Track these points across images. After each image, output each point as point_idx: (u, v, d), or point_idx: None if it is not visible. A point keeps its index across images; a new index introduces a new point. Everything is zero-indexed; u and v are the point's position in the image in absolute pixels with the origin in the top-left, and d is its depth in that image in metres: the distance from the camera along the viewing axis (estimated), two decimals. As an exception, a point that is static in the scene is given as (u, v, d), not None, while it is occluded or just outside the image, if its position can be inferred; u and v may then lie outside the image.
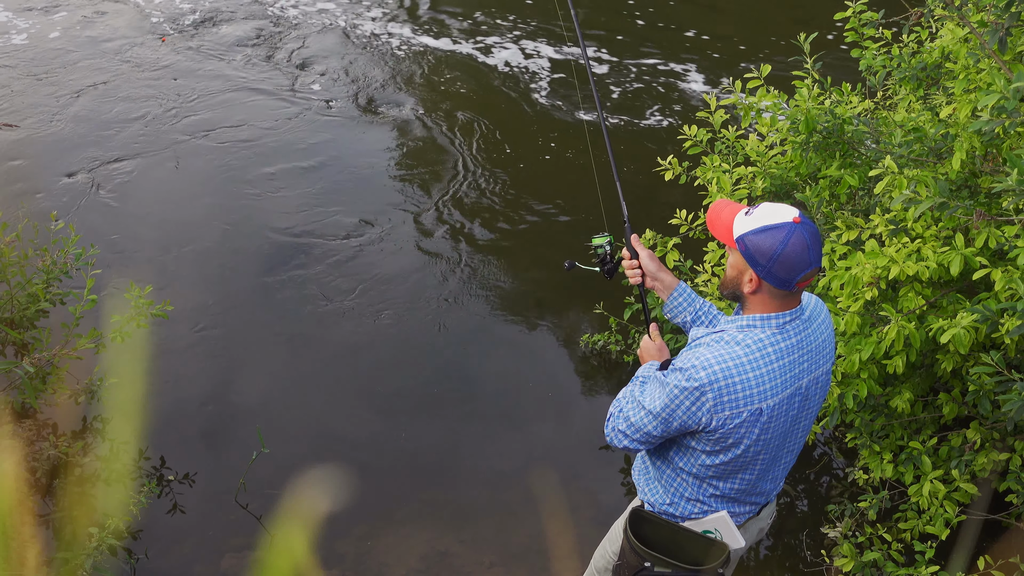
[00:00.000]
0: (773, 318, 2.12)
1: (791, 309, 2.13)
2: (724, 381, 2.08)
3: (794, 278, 2.06)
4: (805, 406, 2.22)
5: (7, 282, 3.63)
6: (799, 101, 3.26)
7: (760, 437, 2.15)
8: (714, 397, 2.08)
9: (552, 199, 5.56)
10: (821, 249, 2.10)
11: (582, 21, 7.45)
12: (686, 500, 2.30)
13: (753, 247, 2.07)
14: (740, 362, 2.09)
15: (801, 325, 2.16)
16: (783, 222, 2.05)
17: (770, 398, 2.11)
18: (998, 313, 2.63)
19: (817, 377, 2.22)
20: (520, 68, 6.93)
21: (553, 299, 4.85)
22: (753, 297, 2.13)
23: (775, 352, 2.11)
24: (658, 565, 2.26)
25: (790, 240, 2.03)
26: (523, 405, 4.24)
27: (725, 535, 2.26)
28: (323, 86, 6.70)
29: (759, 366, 2.09)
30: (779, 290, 2.09)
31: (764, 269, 2.06)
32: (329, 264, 5.00)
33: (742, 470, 2.22)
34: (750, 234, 2.08)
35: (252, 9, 7.74)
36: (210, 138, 6.04)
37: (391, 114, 6.42)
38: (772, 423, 2.14)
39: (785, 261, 2.04)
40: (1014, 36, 2.82)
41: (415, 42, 7.33)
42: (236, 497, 3.67)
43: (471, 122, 6.32)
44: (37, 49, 7.05)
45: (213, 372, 4.32)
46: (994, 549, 3.06)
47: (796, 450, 2.34)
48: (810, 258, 2.05)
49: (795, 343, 2.14)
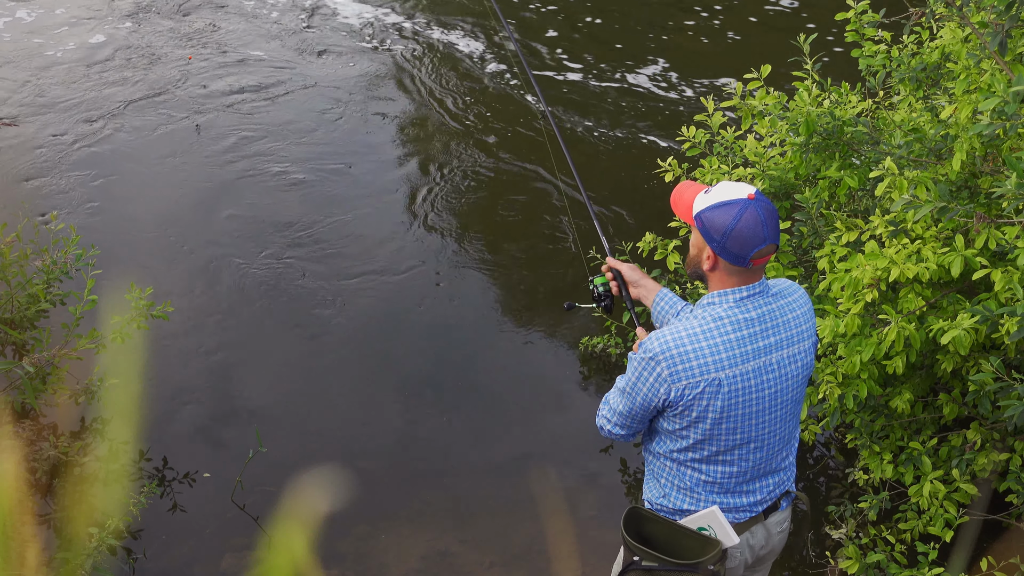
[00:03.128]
0: (730, 293, 2.18)
1: (750, 284, 2.18)
2: (676, 350, 2.13)
3: (747, 254, 2.11)
4: (783, 384, 2.22)
5: (7, 282, 3.63)
6: (799, 103, 3.26)
7: (727, 412, 2.16)
8: (668, 367, 2.13)
9: (554, 202, 5.56)
10: (777, 225, 2.15)
11: (597, 27, 7.46)
12: (677, 490, 2.31)
13: (709, 223, 2.14)
14: (692, 333, 2.14)
15: (763, 300, 2.20)
16: (737, 198, 2.12)
17: (727, 368, 2.14)
18: (998, 314, 2.63)
19: (793, 354, 2.22)
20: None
21: (553, 301, 4.85)
22: (712, 275, 2.20)
23: (732, 324, 2.16)
24: (646, 559, 2.27)
25: (743, 215, 2.09)
26: (523, 406, 4.24)
27: (718, 531, 2.26)
28: (326, 85, 6.70)
29: (712, 337, 2.14)
30: (735, 266, 2.14)
31: (719, 244, 2.13)
32: (329, 263, 5.00)
33: (722, 452, 2.22)
34: (706, 210, 2.15)
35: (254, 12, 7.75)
36: (210, 137, 6.05)
37: (395, 112, 6.42)
38: (738, 397, 2.16)
39: (738, 236, 2.10)
40: (1014, 38, 2.82)
41: (424, 42, 7.33)
42: (233, 496, 3.67)
43: (475, 123, 6.32)
44: (20, 44, 7.05)
45: (212, 371, 4.32)
46: (994, 549, 3.06)
47: (786, 435, 2.31)
48: (764, 234, 2.10)
49: (756, 316, 2.18)
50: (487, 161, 5.93)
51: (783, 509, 2.41)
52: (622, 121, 6.34)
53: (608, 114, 6.40)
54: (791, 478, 2.42)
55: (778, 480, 2.36)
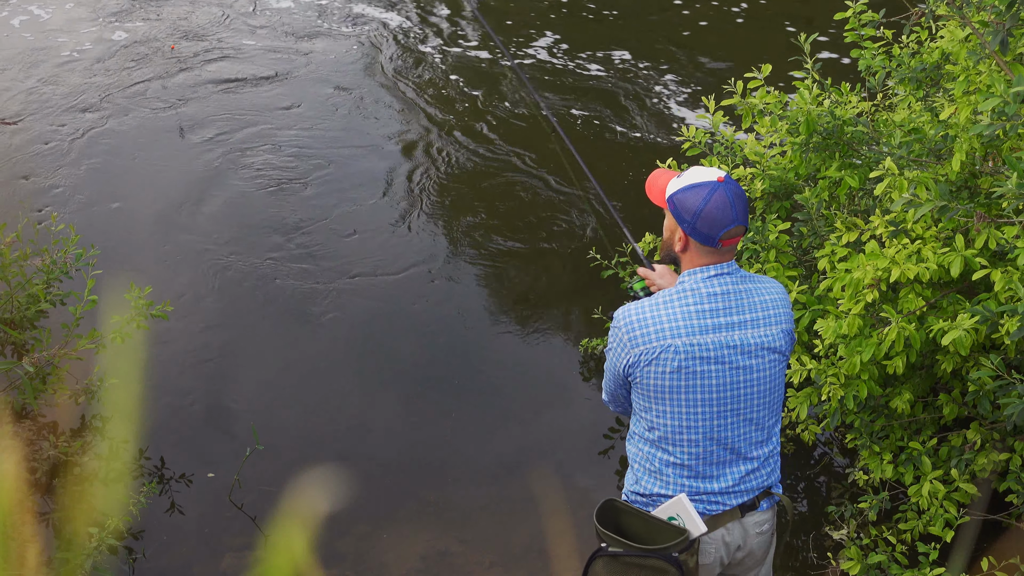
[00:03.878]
0: (699, 271, 2.29)
1: (719, 264, 2.28)
2: (636, 318, 2.28)
3: (717, 234, 2.23)
4: (749, 365, 2.26)
5: (7, 282, 3.64)
6: (799, 102, 3.26)
7: (685, 381, 2.24)
8: (627, 332, 2.28)
9: (555, 201, 5.56)
10: (746, 208, 2.27)
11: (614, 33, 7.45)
12: (648, 474, 2.36)
13: (680, 204, 2.27)
14: (654, 302, 2.29)
15: (732, 280, 2.29)
16: (707, 180, 2.24)
17: (684, 336, 2.23)
18: (998, 314, 2.63)
19: (760, 337, 2.27)
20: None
21: (553, 301, 4.85)
22: (684, 256, 2.32)
23: (694, 297, 2.27)
24: (612, 545, 2.31)
25: (712, 196, 2.21)
26: (523, 406, 4.24)
27: (685, 520, 2.27)
28: (323, 74, 6.70)
29: (672, 306, 2.26)
30: (704, 246, 2.26)
31: (689, 225, 2.25)
32: (327, 261, 5.00)
33: (685, 429, 2.27)
34: (678, 192, 2.29)
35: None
36: (210, 135, 6.05)
37: (396, 109, 6.42)
38: (694, 366, 2.23)
39: (707, 217, 2.22)
40: (1015, 37, 2.82)
41: (419, 31, 7.33)
42: (233, 496, 3.67)
43: (478, 123, 6.32)
44: (21, 44, 7.05)
45: (210, 370, 4.32)
46: (994, 549, 3.06)
47: (757, 422, 2.31)
48: (733, 215, 2.22)
49: (721, 292, 2.27)
50: (487, 161, 5.93)
51: (762, 510, 2.39)
52: (622, 121, 6.34)
53: (608, 113, 6.40)
54: (770, 476, 2.40)
55: (750, 469, 2.34)
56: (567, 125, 6.22)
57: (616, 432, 4.04)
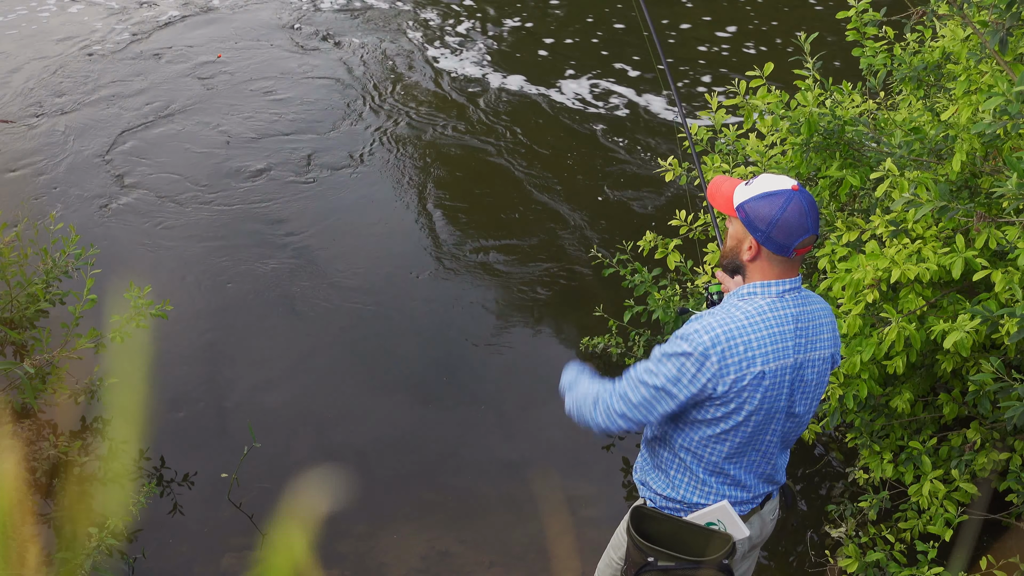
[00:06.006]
0: (772, 285, 2.18)
1: (790, 278, 2.19)
2: (727, 343, 2.10)
3: (792, 243, 2.13)
4: (799, 387, 2.21)
5: (7, 282, 3.63)
6: (801, 102, 3.25)
7: (761, 405, 2.15)
8: (719, 360, 2.10)
9: (556, 202, 5.55)
10: (818, 218, 2.17)
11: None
12: (687, 483, 2.28)
13: (753, 213, 2.15)
14: (741, 324, 2.12)
15: (800, 297, 2.21)
16: (782, 189, 2.14)
17: (772, 362, 2.14)
18: (998, 314, 2.63)
19: (814, 360, 2.22)
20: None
21: (553, 301, 4.85)
22: (752, 265, 2.20)
23: (774, 318, 2.16)
24: (661, 559, 2.25)
25: (789, 206, 2.12)
26: (523, 406, 4.24)
27: (728, 525, 2.25)
28: (332, 85, 6.70)
29: (759, 329, 2.13)
30: (778, 256, 2.16)
31: (763, 234, 2.14)
32: (327, 261, 5.00)
33: (745, 445, 2.21)
34: (750, 201, 2.17)
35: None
36: (211, 135, 6.04)
37: (395, 110, 6.42)
38: (773, 391, 2.16)
39: (784, 226, 2.12)
40: (1015, 37, 2.82)
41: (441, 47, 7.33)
42: (234, 496, 3.67)
43: (481, 122, 6.32)
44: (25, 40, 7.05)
45: (209, 370, 4.32)
46: (994, 549, 3.06)
47: (790, 434, 2.30)
48: (807, 224, 2.13)
49: (793, 313, 2.18)
50: (486, 160, 5.93)
51: (774, 498, 2.43)
52: (621, 120, 6.34)
53: (607, 113, 6.39)
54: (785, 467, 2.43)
55: (777, 466, 2.36)
56: (562, 123, 6.21)
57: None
